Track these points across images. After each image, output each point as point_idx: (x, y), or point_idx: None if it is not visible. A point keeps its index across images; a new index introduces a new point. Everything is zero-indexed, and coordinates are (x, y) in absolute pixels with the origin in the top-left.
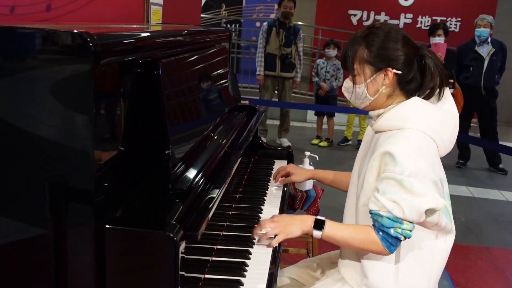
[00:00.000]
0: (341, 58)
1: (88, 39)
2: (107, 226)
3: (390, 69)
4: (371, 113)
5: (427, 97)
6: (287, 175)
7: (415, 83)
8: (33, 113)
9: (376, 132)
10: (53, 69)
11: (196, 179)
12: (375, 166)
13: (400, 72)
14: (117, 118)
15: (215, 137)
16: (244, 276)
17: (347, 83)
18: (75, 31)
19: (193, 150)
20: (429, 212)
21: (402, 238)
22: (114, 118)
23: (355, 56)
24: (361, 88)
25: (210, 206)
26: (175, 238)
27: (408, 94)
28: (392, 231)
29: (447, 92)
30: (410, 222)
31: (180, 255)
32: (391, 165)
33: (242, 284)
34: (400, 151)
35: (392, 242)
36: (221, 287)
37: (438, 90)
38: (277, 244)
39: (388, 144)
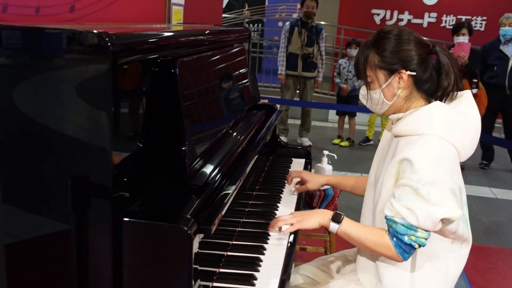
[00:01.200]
0: (354, 66)
1: (107, 39)
2: (125, 219)
3: (403, 71)
4: (391, 116)
5: (446, 99)
6: (302, 183)
7: (432, 82)
8: (55, 111)
9: (396, 136)
10: (74, 68)
11: (212, 175)
12: (393, 173)
13: (414, 73)
14: (135, 115)
15: (233, 135)
16: (258, 271)
17: (363, 90)
18: (95, 31)
19: (210, 147)
20: (445, 220)
21: (416, 246)
22: (132, 115)
23: (367, 62)
24: (377, 94)
25: (224, 201)
26: (189, 232)
27: (428, 96)
28: (406, 238)
29: (468, 94)
30: (425, 231)
31: (196, 249)
32: (409, 172)
33: (255, 279)
34: (419, 159)
35: (405, 249)
36: (236, 281)
37: (455, 90)
38: (293, 230)
39: (407, 151)
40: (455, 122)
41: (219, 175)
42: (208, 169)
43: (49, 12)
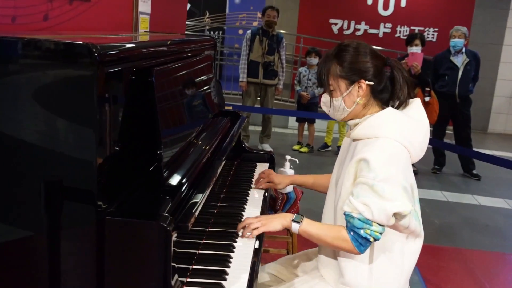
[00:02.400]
0: (317, 77)
1: (93, 49)
2: (108, 217)
3: (363, 80)
4: (349, 122)
5: (398, 106)
6: (269, 182)
7: (387, 92)
8: (42, 116)
9: (354, 140)
10: (61, 76)
11: (186, 178)
12: (352, 172)
13: (372, 83)
14: (115, 121)
15: (202, 140)
16: (228, 267)
17: (325, 97)
18: (81, 42)
19: (182, 151)
20: (398, 215)
21: (371, 239)
22: (112, 121)
23: (329, 73)
24: (338, 101)
25: (198, 201)
26: (168, 228)
27: (382, 104)
28: (362, 232)
29: (418, 102)
30: (380, 225)
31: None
32: (366, 171)
33: (227, 274)
34: (374, 159)
35: (361, 242)
36: (208, 276)
37: (407, 98)
38: (258, 233)
39: (364, 152)
40: (406, 127)
41: (191, 177)
42: (182, 171)
43: (25, 21)
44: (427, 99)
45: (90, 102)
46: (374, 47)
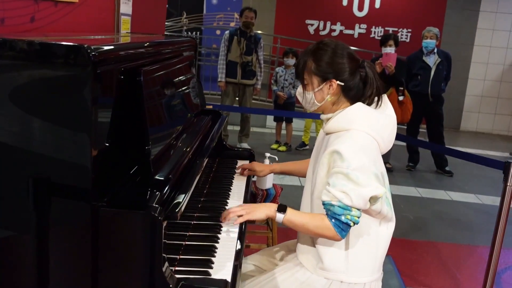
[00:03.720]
0: (295, 67)
1: (88, 51)
2: (102, 208)
3: (334, 80)
4: (322, 116)
5: (369, 103)
6: (251, 169)
7: (357, 90)
8: (39, 116)
9: (326, 133)
10: (56, 76)
11: (173, 171)
12: (325, 163)
13: (343, 84)
14: (107, 118)
15: (187, 137)
16: (214, 256)
17: (300, 88)
18: (76, 44)
19: (168, 147)
20: (373, 200)
21: (352, 224)
22: (105, 119)
23: (305, 67)
24: (310, 95)
25: (185, 193)
26: (159, 217)
27: (352, 100)
28: (343, 218)
29: (386, 98)
30: (358, 210)
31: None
32: (339, 161)
33: (213, 263)
34: (346, 149)
35: (343, 228)
36: (195, 265)
37: (376, 98)
38: (242, 221)
39: (336, 144)
40: (375, 120)
41: (179, 171)
42: (169, 165)
43: (13, 22)
44: (401, 98)
45: (85, 101)
46: (351, 47)
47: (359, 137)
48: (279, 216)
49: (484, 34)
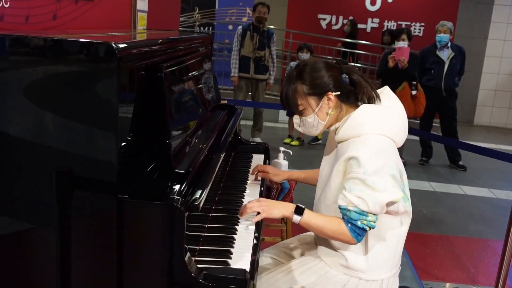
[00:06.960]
0: (283, 100)
1: (114, 47)
2: (126, 200)
3: (330, 92)
4: (331, 128)
5: (369, 101)
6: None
7: (353, 94)
8: (69, 109)
9: (339, 142)
10: (84, 72)
11: (192, 165)
12: (341, 170)
13: (339, 93)
14: (130, 113)
15: (205, 131)
16: (232, 247)
17: (296, 119)
18: (103, 41)
19: (186, 141)
20: (390, 203)
21: (368, 228)
22: (128, 113)
23: (296, 93)
24: (311, 118)
25: (205, 185)
26: (181, 208)
27: (354, 105)
28: (359, 223)
29: (387, 90)
30: (374, 215)
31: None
32: (356, 167)
33: (231, 253)
34: (363, 155)
35: (359, 233)
36: (215, 256)
37: (374, 93)
38: (259, 220)
39: (351, 151)
40: (384, 117)
41: (198, 164)
42: (189, 159)
43: (36, 20)
44: (414, 92)
45: (111, 96)
46: (363, 42)
47: (372, 141)
48: (296, 218)
49: (498, 28)
